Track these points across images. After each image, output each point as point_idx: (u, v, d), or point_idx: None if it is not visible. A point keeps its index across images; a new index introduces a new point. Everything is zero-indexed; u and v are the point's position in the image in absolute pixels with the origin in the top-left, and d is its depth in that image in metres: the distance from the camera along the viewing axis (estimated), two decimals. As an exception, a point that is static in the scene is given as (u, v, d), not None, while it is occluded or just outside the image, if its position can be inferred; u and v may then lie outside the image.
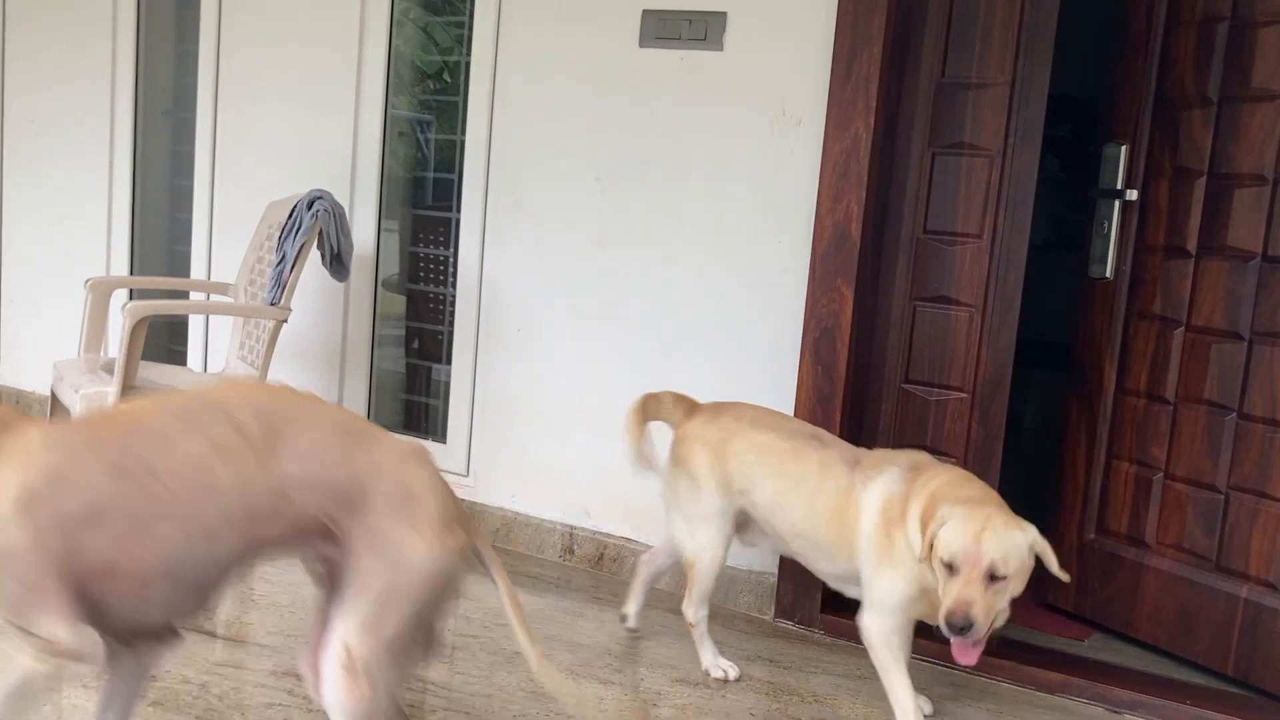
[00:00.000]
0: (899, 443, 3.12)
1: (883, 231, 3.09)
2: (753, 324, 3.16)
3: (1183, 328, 2.98)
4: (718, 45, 3.14)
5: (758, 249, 3.14)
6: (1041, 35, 2.90)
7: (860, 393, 3.12)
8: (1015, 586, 2.13)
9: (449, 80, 3.97)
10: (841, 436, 3.02)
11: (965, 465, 3.04)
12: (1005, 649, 2.95)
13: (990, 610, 2.10)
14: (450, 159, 3.89)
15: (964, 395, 3.05)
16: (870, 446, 3.13)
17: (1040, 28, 2.90)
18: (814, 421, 3.04)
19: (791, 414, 3.09)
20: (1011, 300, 2.98)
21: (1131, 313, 3.10)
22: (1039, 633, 3.13)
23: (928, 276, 3.07)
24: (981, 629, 2.09)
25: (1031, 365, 3.44)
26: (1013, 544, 2.11)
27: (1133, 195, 3.06)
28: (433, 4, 3.91)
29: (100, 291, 3.33)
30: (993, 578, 2.11)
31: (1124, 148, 3.07)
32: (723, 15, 3.13)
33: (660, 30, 3.21)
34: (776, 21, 3.07)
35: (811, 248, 3.03)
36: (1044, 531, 3.28)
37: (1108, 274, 3.12)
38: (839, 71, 2.97)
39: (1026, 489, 4.03)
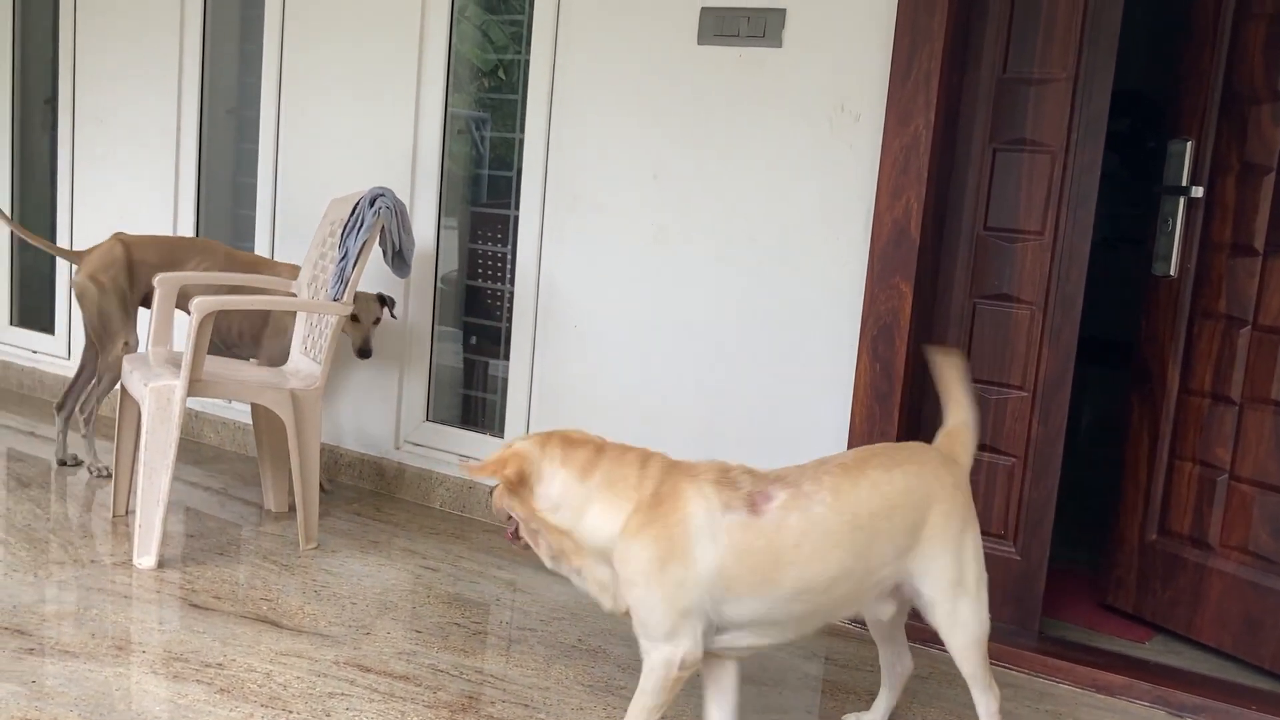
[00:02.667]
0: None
1: (942, 228, 3.07)
2: (809, 321, 3.16)
3: (1249, 327, 2.93)
4: (776, 42, 3.14)
5: (815, 245, 3.14)
6: (1105, 29, 2.86)
7: (919, 391, 3.10)
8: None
9: (504, 78, 4.00)
10: (900, 435, 3.02)
11: (1025, 464, 3.02)
12: (1064, 650, 2.92)
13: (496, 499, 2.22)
14: (505, 156, 3.92)
15: (1024, 394, 3.02)
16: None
17: (1104, 22, 2.86)
18: (871, 419, 3.04)
19: (849, 412, 3.09)
20: (1074, 298, 2.94)
21: (1196, 311, 3.05)
22: (1098, 634, 3.09)
23: (988, 274, 3.04)
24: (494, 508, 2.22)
25: (1089, 362, 3.40)
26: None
27: (1198, 192, 3.02)
28: (490, 3, 3.94)
29: (168, 287, 3.40)
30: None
31: (1189, 144, 3.02)
32: (781, 12, 3.12)
33: (719, 27, 3.22)
34: (836, 18, 3.06)
35: (870, 244, 3.02)
36: (1104, 531, 3.27)
37: (1172, 272, 3.07)
38: (899, 68, 2.95)
39: (1086, 487, 3.99)
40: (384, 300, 3.62)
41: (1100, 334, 4.33)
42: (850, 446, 3.07)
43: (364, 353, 3.54)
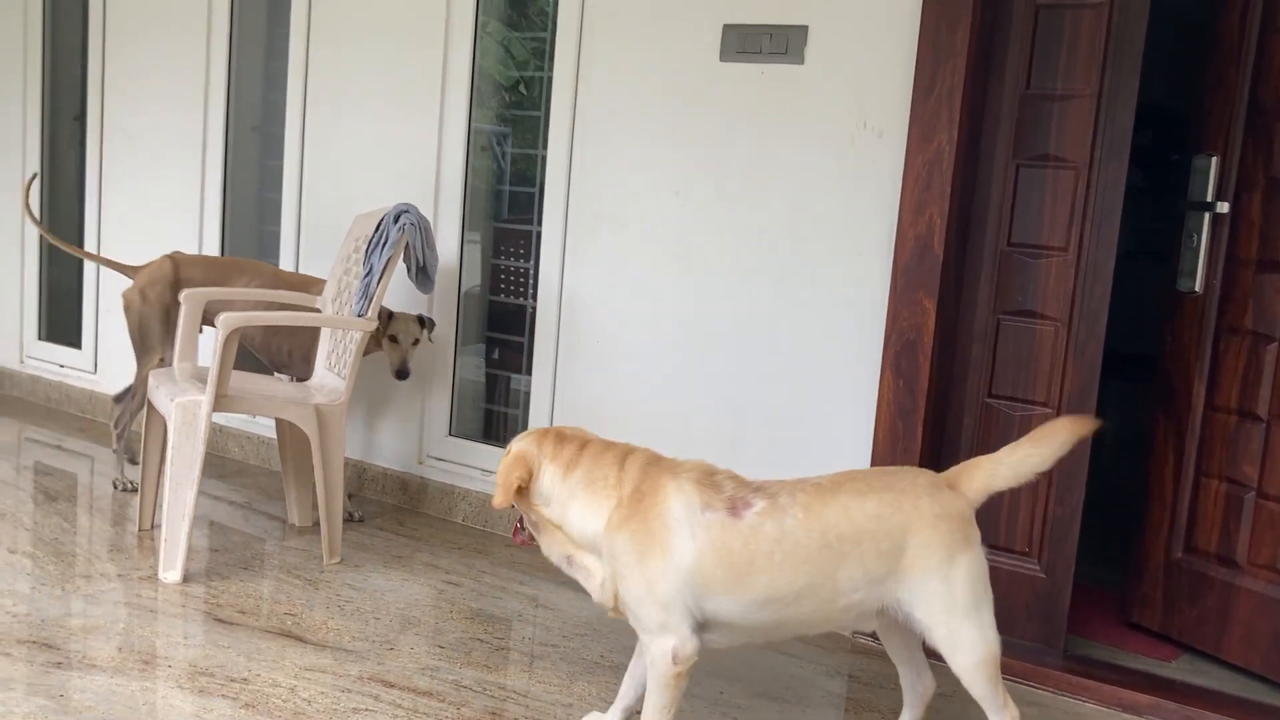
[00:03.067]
0: (981, 458, 3.08)
1: (965, 244, 3.07)
2: (832, 337, 3.16)
3: (1276, 344, 2.91)
4: (799, 59, 3.15)
5: (838, 261, 3.14)
6: (1130, 45, 2.85)
7: (942, 407, 3.09)
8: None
9: (525, 93, 4.02)
10: (923, 451, 3.01)
11: (1049, 481, 3.00)
12: (1090, 668, 2.90)
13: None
14: (527, 172, 3.94)
15: (1049, 410, 3.00)
16: (952, 462, 3.12)
17: (1128, 38, 2.85)
18: (894, 436, 3.03)
19: (873, 428, 3.08)
20: (1098, 314, 2.93)
21: (1222, 327, 3.03)
22: (1124, 653, 3.07)
23: (1012, 289, 3.04)
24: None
25: (1111, 375, 3.39)
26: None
27: (1223, 208, 3.00)
28: (513, 20, 3.97)
29: (193, 303, 3.43)
30: None
31: (1214, 159, 3.01)
32: (804, 29, 3.13)
33: (741, 44, 3.23)
34: (858, 35, 3.06)
35: (893, 260, 3.02)
36: (1129, 548, 3.25)
37: (1197, 288, 3.06)
38: (922, 84, 2.95)
39: (1109, 502, 3.97)
40: (424, 322, 3.62)
41: (1121, 347, 4.31)
42: (874, 462, 3.06)
43: (402, 374, 3.52)
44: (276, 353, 3.71)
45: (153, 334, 3.67)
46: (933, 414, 3.04)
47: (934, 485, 2.18)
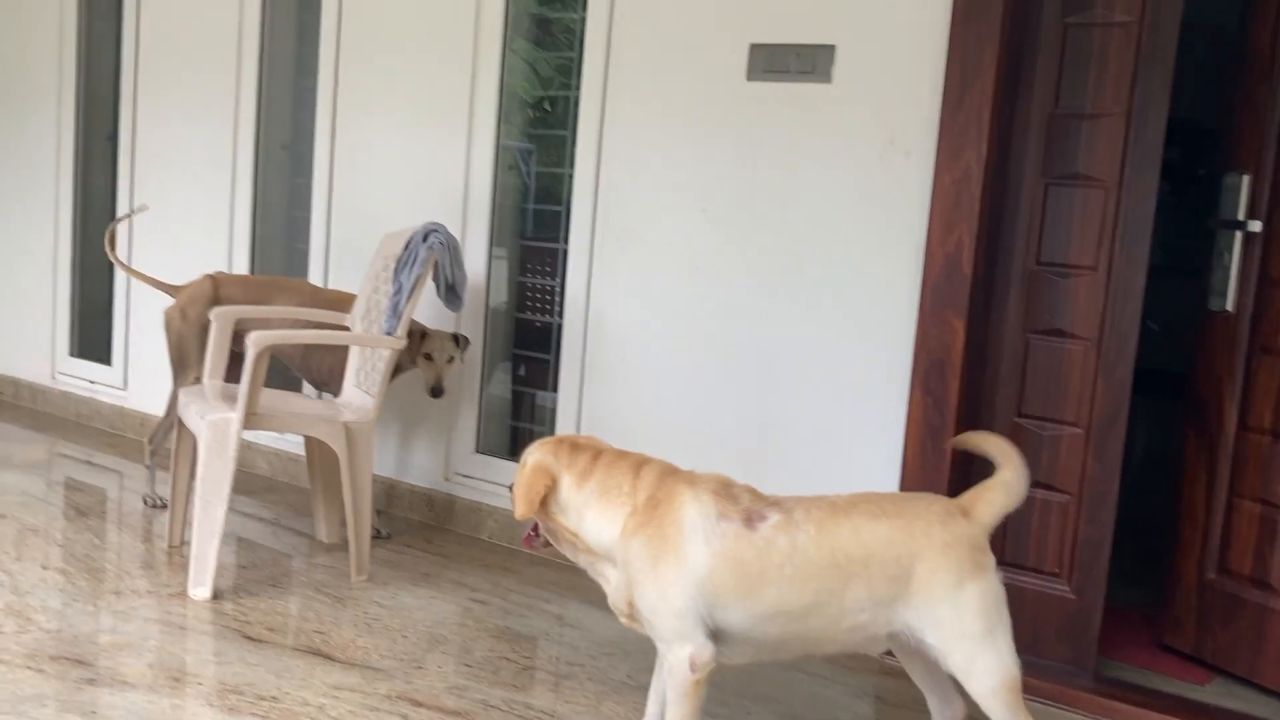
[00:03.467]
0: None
1: (994, 263, 3.06)
2: (860, 355, 3.15)
3: (1310, 363, 2.88)
4: (826, 78, 3.15)
5: (866, 279, 3.13)
6: (1160, 64, 2.84)
7: (971, 426, 3.07)
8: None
9: (549, 110, 4.05)
10: (952, 471, 3.00)
11: (1080, 502, 2.98)
12: (1122, 691, 2.88)
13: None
14: (553, 190, 3.96)
15: (1079, 430, 2.98)
16: (980, 482, 3.10)
17: (1159, 56, 2.84)
18: (923, 455, 3.02)
19: (901, 447, 3.07)
20: (1128, 333, 2.91)
21: (1254, 347, 3.01)
22: (1156, 675, 3.04)
23: (1041, 308, 3.02)
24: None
25: (1137, 391, 3.37)
26: (523, 454, 2.38)
27: (1256, 227, 2.98)
28: (539, 38, 3.99)
29: (223, 321, 3.46)
30: None
31: (1246, 177, 2.99)
32: (831, 48, 3.13)
33: (768, 63, 3.24)
34: (885, 54, 3.06)
35: (922, 279, 3.01)
36: (1161, 569, 3.21)
37: (1228, 307, 3.03)
38: (950, 103, 2.95)
39: (1138, 520, 3.93)
40: (459, 340, 3.63)
41: (1148, 364, 4.28)
42: (903, 481, 3.05)
43: (436, 392, 3.53)
44: (316, 370, 3.73)
45: (190, 352, 3.70)
46: (962, 433, 3.02)
47: (947, 513, 2.20)
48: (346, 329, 3.63)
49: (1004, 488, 2.23)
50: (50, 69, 5.04)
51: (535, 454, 2.35)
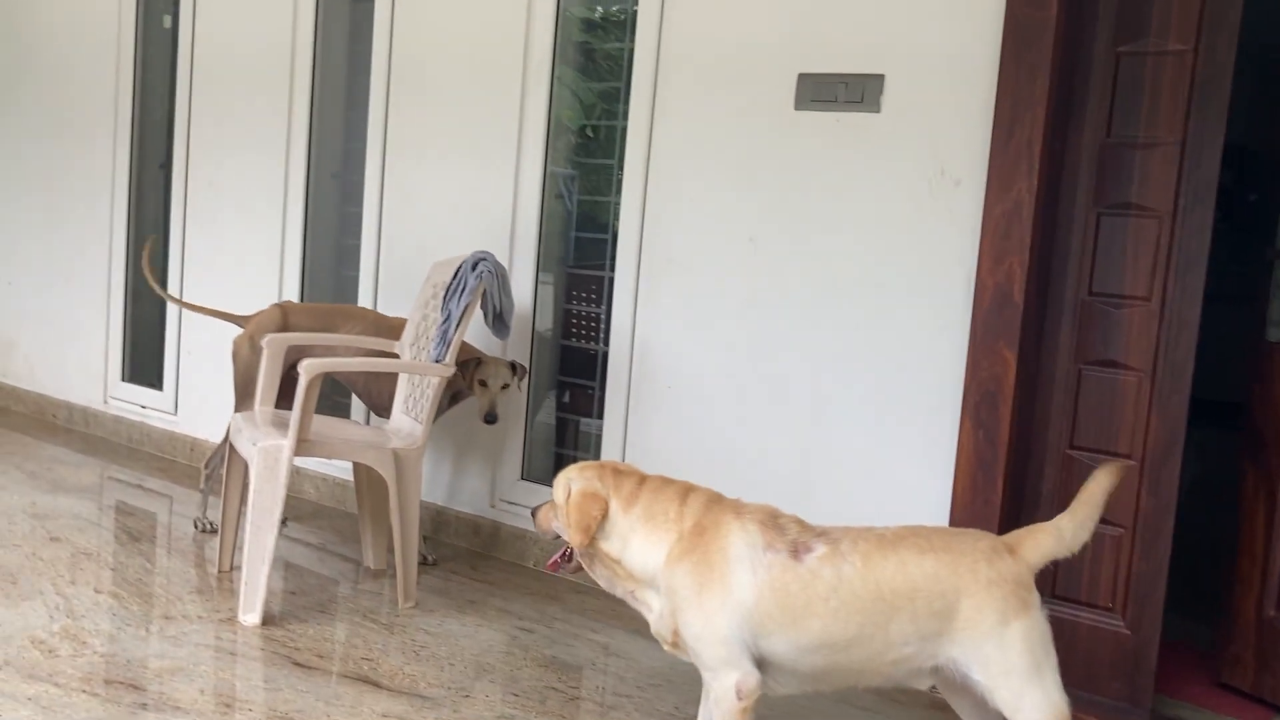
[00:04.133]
0: (1063, 511, 3.02)
1: (1046, 293, 3.03)
2: (909, 385, 3.13)
3: (1372, 395, 2.83)
4: (875, 107, 3.15)
5: (915, 309, 3.12)
6: (1215, 93, 2.81)
7: (1023, 458, 3.05)
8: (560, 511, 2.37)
9: (591, 136, 4.08)
10: (1004, 503, 2.97)
11: (1133, 535, 2.94)
12: (1179, 730, 2.82)
13: (546, 520, 2.43)
14: (596, 216, 3.98)
15: (1132, 462, 2.94)
16: (1033, 514, 3.07)
17: (1214, 85, 2.81)
18: (974, 487, 2.99)
19: (951, 479, 3.04)
20: (1183, 365, 2.87)
21: (1314, 378, 2.96)
22: (1215, 714, 2.98)
23: (1093, 339, 2.99)
24: (540, 528, 2.44)
25: (1189, 421, 3.33)
26: (562, 478, 2.39)
27: (1314, 256, 2.94)
28: (584, 67, 4.03)
29: (276, 348, 3.50)
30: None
31: (1304, 206, 2.95)
32: (880, 78, 3.13)
33: (816, 93, 3.24)
34: (935, 84, 3.06)
35: (972, 309, 2.99)
36: (1217, 604, 3.15)
37: (1287, 338, 2.99)
38: (1000, 133, 2.94)
39: (1196, 554, 3.86)
40: (515, 368, 3.64)
41: (1199, 393, 4.22)
42: (953, 513, 3.02)
43: (489, 418, 3.54)
44: (376, 395, 3.77)
45: (254, 380, 3.74)
46: (1013, 465, 3.00)
47: (993, 550, 2.19)
48: (393, 355, 3.67)
49: (1056, 533, 2.21)
50: (106, 99, 5.14)
51: (580, 479, 2.34)
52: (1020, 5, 2.90)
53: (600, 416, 3.81)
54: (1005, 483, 2.96)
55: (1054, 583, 3.02)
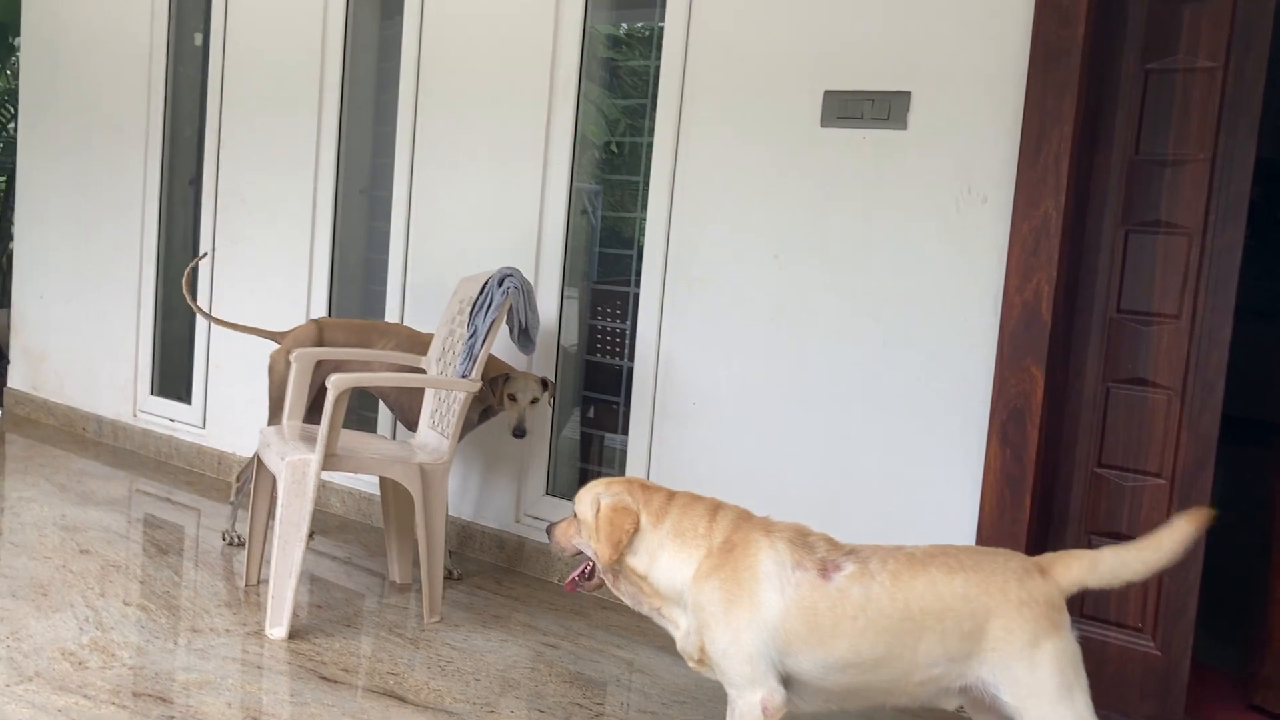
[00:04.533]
0: (1091, 529, 3.01)
1: (1074, 311, 3.02)
2: (936, 402, 3.12)
3: (1406, 415, 2.80)
4: (901, 124, 3.15)
5: (941, 326, 3.11)
6: (1245, 110, 2.80)
7: (1051, 476, 3.03)
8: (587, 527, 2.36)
9: (615, 152, 4.10)
10: (1031, 521, 2.95)
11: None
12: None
13: (565, 537, 2.43)
14: (615, 230, 3.99)
15: (1162, 481, 2.92)
16: (1061, 533, 3.05)
17: (1244, 102, 2.80)
18: (1002, 505, 2.98)
19: (978, 497, 3.03)
20: (1214, 383, 2.85)
21: (1347, 397, 2.93)
22: (1246, 736, 2.95)
23: (1122, 357, 2.97)
24: (559, 546, 2.44)
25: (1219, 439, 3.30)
26: (588, 493, 2.39)
27: (1347, 274, 2.91)
28: (609, 83, 4.04)
29: (304, 362, 3.53)
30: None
31: (1336, 224, 2.93)
32: (906, 95, 3.13)
33: (842, 110, 3.24)
34: (962, 101, 3.06)
35: (1000, 326, 2.98)
36: (1247, 625, 3.12)
37: (1319, 356, 2.96)
38: (1028, 150, 2.93)
39: (1225, 574, 3.82)
40: (546, 384, 3.65)
41: (1227, 410, 4.18)
42: (980, 532, 3.00)
43: (518, 432, 3.54)
44: (409, 410, 3.79)
45: (293, 394, 3.76)
46: (1041, 483, 2.98)
47: (1025, 570, 2.18)
48: (419, 370, 3.69)
49: (1091, 562, 2.18)
50: (138, 115, 5.20)
51: (608, 494, 2.34)
52: (1048, 23, 2.90)
53: (625, 432, 3.81)
54: (1033, 501, 2.94)
55: (1083, 602, 2.99)
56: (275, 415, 3.79)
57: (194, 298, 4.12)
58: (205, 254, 4.46)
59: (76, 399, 5.56)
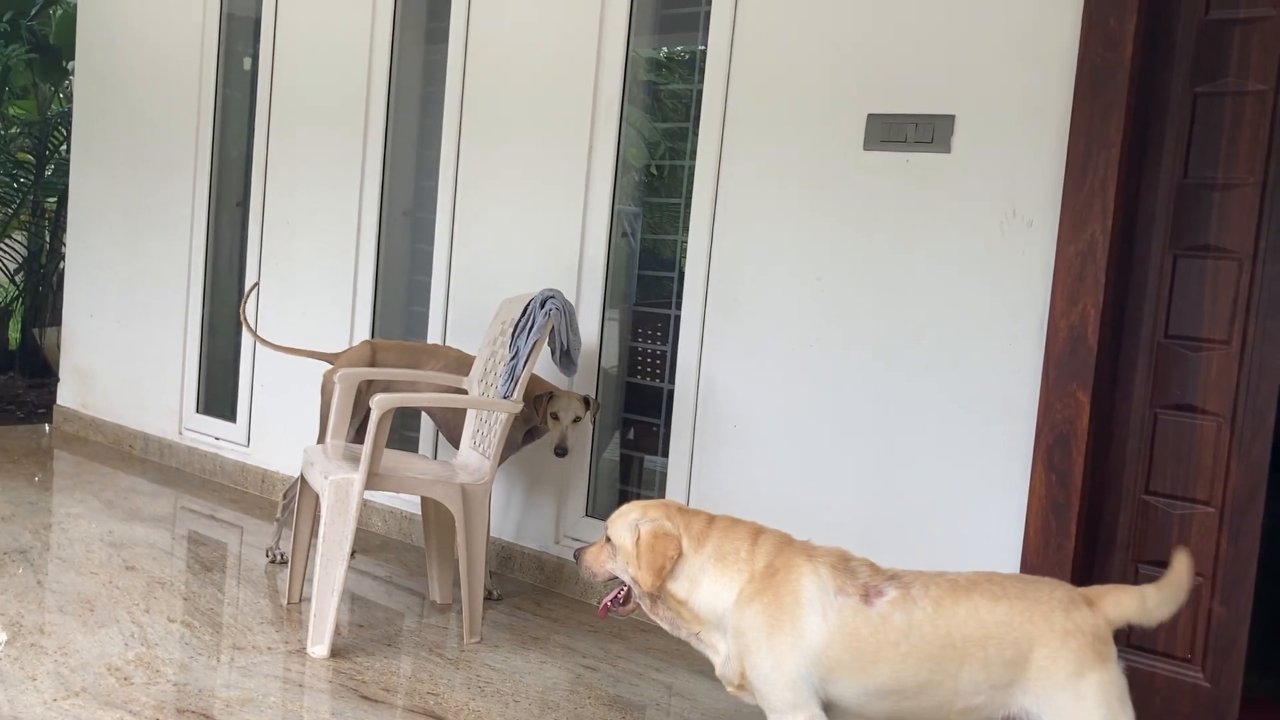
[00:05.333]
0: (1138, 557, 2.97)
1: (1120, 335, 2.99)
2: (979, 427, 3.09)
3: None
4: (945, 148, 3.14)
5: (985, 351, 3.08)
6: (1296, 133, 2.77)
7: (1097, 503, 2.99)
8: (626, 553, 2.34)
9: (655, 174, 4.11)
10: (1077, 548, 2.91)
11: (1213, 585, 2.86)
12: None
13: (597, 562, 2.41)
14: (654, 252, 4.00)
15: (1211, 509, 2.87)
16: (1107, 561, 3.01)
17: (1295, 126, 2.77)
18: (1047, 532, 2.94)
19: (1023, 524, 2.99)
20: (1265, 410, 2.81)
21: (1403, 425, 2.87)
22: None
23: (1170, 383, 2.93)
24: (589, 571, 2.42)
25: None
26: (624, 518, 2.36)
27: (1402, 300, 2.86)
28: (653, 108, 4.06)
29: (348, 382, 3.56)
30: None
31: (1391, 249, 2.88)
32: (950, 118, 3.12)
33: (885, 133, 3.24)
34: (1007, 124, 3.04)
35: (1045, 351, 2.95)
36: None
37: (1374, 383, 2.90)
38: (1074, 174, 2.91)
39: (1274, 606, 3.74)
40: (588, 402, 3.66)
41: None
42: (1025, 559, 2.97)
43: (561, 451, 3.56)
44: (456, 430, 3.81)
45: (347, 415, 3.79)
46: (1087, 510, 2.94)
47: (1070, 600, 2.16)
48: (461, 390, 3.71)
49: (1140, 598, 2.17)
50: (187, 138, 5.29)
51: (647, 519, 2.34)
52: (1094, 47, 2.88)
53: (665, 454, 3.81)
54: (1079, 528, 2.91)
55: (1130, 632, 2.94)
56: (321, 437, 3.83)
57: (250, 323, 4.18)
58: (256, 285, 4.52)
59: (124, 417, 5.64)
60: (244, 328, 4.07)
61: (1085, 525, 2.94)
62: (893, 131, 3.23)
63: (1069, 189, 2.92)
